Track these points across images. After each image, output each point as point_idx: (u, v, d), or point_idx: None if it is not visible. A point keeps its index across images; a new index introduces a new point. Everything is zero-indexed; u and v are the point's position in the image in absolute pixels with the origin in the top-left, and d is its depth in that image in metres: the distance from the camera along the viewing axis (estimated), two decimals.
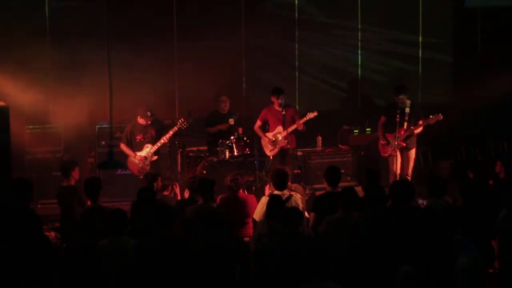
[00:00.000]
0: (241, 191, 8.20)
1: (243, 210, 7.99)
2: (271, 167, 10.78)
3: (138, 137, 10.30)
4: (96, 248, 6.50)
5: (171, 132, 10.28)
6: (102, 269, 6.44)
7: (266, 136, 10.60)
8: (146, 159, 10.18)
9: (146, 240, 6.44)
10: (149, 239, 6.42)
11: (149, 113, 10.19)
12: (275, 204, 7.19)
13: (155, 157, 10.28)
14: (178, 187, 8.83)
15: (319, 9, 12.79)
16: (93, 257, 6.52)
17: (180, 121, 10.37)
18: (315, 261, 6.08)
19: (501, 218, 7.01)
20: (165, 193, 8.54)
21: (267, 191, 8.53)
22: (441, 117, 10.15)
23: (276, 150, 10.59)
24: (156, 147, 10.24)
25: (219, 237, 6.39)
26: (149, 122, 10.29)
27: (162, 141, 10.21)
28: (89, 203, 7.71)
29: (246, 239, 7.75)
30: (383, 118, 10.59)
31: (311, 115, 10.46)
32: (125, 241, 6.50)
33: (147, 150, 10.20)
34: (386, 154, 10.45)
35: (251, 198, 8.19)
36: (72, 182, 8.25)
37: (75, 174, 8.39)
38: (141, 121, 10.28)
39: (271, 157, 10.77)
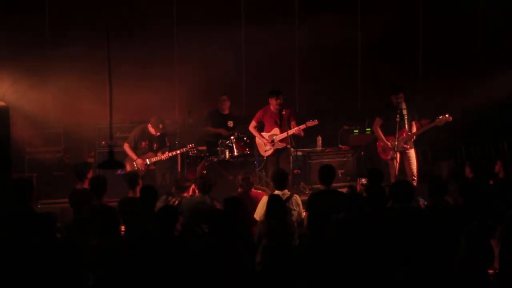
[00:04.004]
0: (253, 189, 8.20)
1: (255, 209, 7.95)
2: (265, 167, 10.80)
3: (144, 143, 10.36)
4: (90, 247, 6.50)
5: (178, 152, 10.43)
6: (96, 268, 6.43)
7: (263, 137, 10.56)
8: (146, 166, 10.21)
9: (146, 239, 6.44)
10: (149, 239, 6.43)
11: (160, 125, 10.27)
12: (275, 204, 7.18)
13: (153, 167, 10.34)
14: (193, 186, 8.73)
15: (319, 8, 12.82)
16: (91, 256, 6.53)
17: (190, 145, 10.47)
18: (315, 260, 6.11)
19: (507, 218, 6.99)
20: (185, 194, 8.50)
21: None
22: (451, 118, 10.07)
23: (271, 151, 10.57)
24: (157, 159, 10.29)
25: (222, 236, 6.41)
26: (158, 134, 10.33)
27: (164, 156, 10.31)
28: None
29: None
30: (378, 120, 10.52)
31: (311, 123, 10.40)
32: (119, 240, 6.49)
33: (149, 159, 10.27)
34: (389, 157, 10.37)
35: (263, 196, 8.16)
36: (86, 185, 8.21)
37: (90, 176, 8.35)
38: (151, 129, 10.33)
39: (265, 157, 10.76)
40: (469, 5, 13.20)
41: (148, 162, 10.25)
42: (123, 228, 7.46)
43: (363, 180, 8.62)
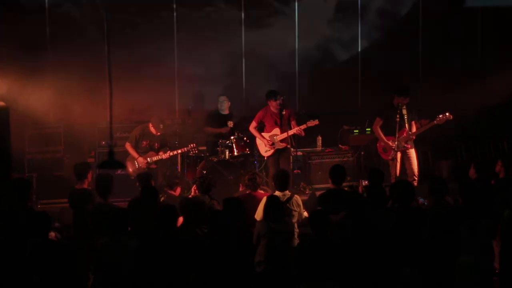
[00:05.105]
0: (260, 190, 8.20)
1: None
2: (265, 167, 10.79)
3: (144, 143, 10.37)
4: (96, 246, 6.50)
5: (179, 151, 10.44)
6: (102, 268, 6.43)
7: (264, 137, 10.56)
8: (147, 164, 10.22)
9: (149, 240, 6.44)
10: (151, 239, 6.43)
11: (161, 126, 10.27)
12: (273, 204, 7.18)
13: (154, 166, 10.32)
14: (194, 186, 8.71)
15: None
16: (94, 256, 6.53)
17: (191, 145, 10.48)
18: (317, 261, 6.10)
19: (505, 218, 7.00)
20: (171, 191, 8.52)
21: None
22: (451, 116, 10.08)
23: (272, 151, 10.56)
24: (158, 158, 10.29)
25: (222, 237, 6.41)
26: (159, 133, 10.34)
27: (166, 155, 10.30)
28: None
29: None
30: (378, 120, 10.49)
31: (311, 123, 10.41)
32: (126, 240, 6.49)
33: (150, 157, 10.28)
34: (390, 157, 10.37)
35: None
36: (86, 185, 8.21)
37: (90, 177, 8.34)
38: (151, 129, 10.34)
39: (265, 158, 10.76)
40: (469, 5, 13.20)
41: (149, 161, 10.26)
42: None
43: (366, 182, 8.61)
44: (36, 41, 11.53)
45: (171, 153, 10.37)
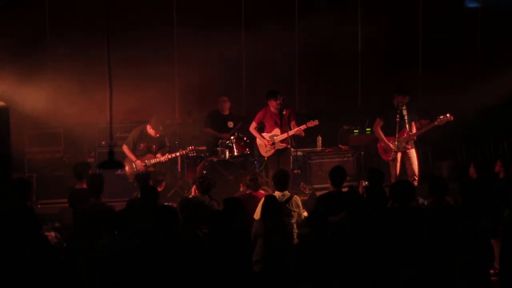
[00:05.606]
0: (260, 190, 8.20)
1: None
2: (265, 167, 10.79)
3: (142, 145, 10.34)
4: (97, 246, 6.50)
5: (177, 154, 10.42)
6: (103, 268, 6.44)
7: (264, 138, 10.55)
8: (145, 167, 10.20)
9: (149, 240, 6.44)
10: (152, 239, 6.43)
11: (161, 127, 10.23)
12: (270, 204, 7.18)
13: (152, 169, 10.31)
14: (194, 187, 8.72)
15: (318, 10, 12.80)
16: (94, 256, 6.53)
17: (190, 147, 10.45)
18: (317, 261, 6.11)
19: (505, 218, 7.00)
20: (158, 188, 8.52)
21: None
22: (452, 117, 10.10)
23: (272, 151, 10.56)
24: (156, 161, 10.28)
25: (221, 237, 6.41)
26: (157, 135, 10.32)
27: (164, 158, 10.29)
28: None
29: None
30: (379, 121, 10.51)
31: (311, 123, 10.40)
32: (126, 240, 6.50)
33: (148, 160, 10.26)
34: (390, 158, 10.37)
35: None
36: (85, 185, 8.21)
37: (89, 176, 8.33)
38: (150, 131, 10.31)
39: (266, 158, 10.76)
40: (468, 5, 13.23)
41: (147, 163, 10.22)
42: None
43: (366, 182, 8.61)
44: (37, 41, 11.53)
45: (169, 156, 10.34)
